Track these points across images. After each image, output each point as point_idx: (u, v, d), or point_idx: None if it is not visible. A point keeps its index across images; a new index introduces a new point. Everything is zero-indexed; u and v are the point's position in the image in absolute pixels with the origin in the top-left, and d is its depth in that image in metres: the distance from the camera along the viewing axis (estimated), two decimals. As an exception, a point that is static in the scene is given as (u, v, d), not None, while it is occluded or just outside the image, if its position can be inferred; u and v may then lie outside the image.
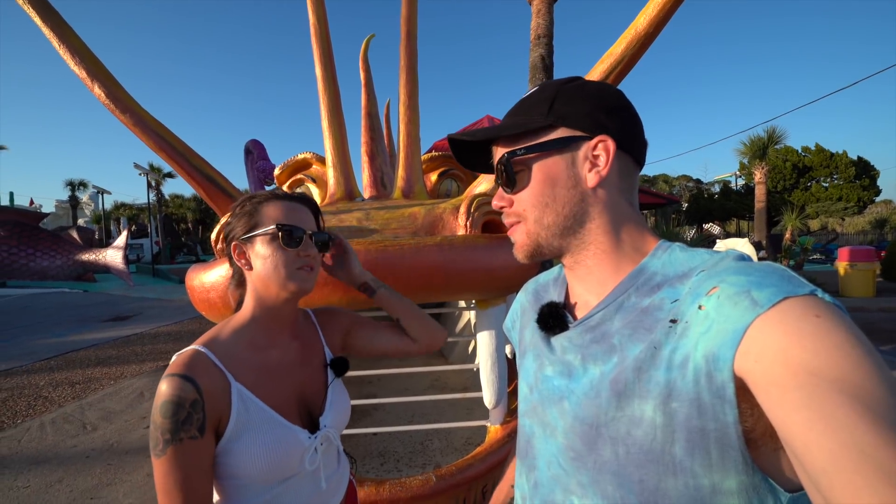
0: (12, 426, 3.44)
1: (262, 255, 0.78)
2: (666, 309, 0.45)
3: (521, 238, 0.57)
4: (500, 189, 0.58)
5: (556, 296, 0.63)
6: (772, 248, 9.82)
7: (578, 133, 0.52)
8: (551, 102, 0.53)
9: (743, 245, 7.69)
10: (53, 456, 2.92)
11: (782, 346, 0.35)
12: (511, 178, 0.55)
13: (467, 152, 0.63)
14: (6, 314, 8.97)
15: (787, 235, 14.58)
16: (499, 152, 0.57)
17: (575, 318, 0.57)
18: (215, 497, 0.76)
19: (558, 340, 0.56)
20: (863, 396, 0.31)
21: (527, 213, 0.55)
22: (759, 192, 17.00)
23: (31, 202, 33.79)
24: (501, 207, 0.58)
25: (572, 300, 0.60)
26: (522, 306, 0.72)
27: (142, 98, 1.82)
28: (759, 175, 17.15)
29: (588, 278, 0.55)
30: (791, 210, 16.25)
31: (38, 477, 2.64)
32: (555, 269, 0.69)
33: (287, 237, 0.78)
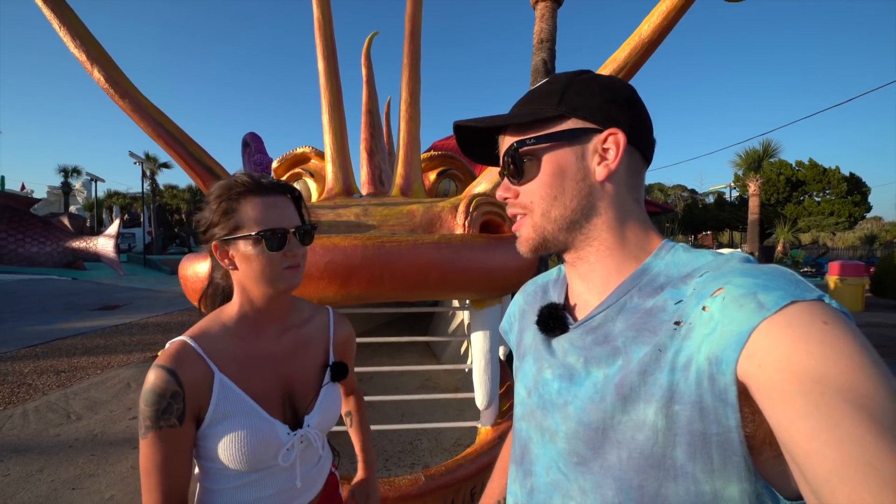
0: (-6, 413, 3.39)
1: (246, 257, 0.75)
2: (670, 310, 0.45)
3: (526, 232, 0.55)
4: (506, 180, 0.57)
5: (555, 297, 0.62)
6: (764, 260, 9.91)
7: (589, 125, 0.51)
8: (562, 93, 0.52)
9: (735, 256, 7.77)
10: (35, 445, 2.87)
11: (788, 352, 0.34)
12: (519, 169, 0.54)
13: (472, 142, 0.61)
14: (-8, 299, 8.82)
15: (780, 248, 14.72)
16: (506, 142, 0.55)
17: (575, 319, 0.56)
18: (196, 471, 0.81)
19: (559, 342, 0.55)
20: (869, 407, 0.30)
21: (534, 206, 0.54)
22: (753, 205, 17.17)
23: (23, 187, 33.30)
24: (506, 199, 0.57)
25: (572, 301, 0.58)
26: (521, 308, 0.70)
27: (141, 87, 1.80)
28: (753, 187, 17.33)
29: (590, 275, 0.54)
30: (784, 223, 16.43)
31: (19, 466, 2.60)
32: (554, 271, 0.68)
33: (270, 242, 0.74)
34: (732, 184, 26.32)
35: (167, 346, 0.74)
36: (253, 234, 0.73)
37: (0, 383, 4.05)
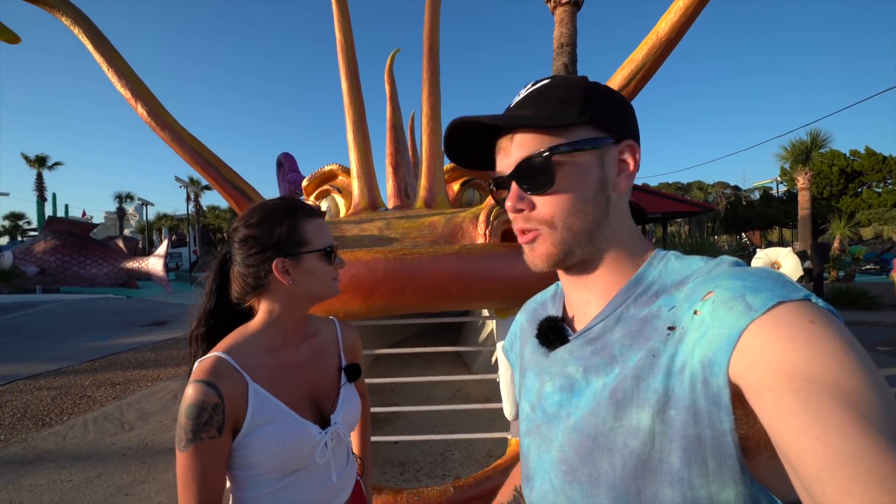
0: (59, 423, 3.67)
1: (308, 271, 0.84)
2: (663, 316, 0.45)
3: (544, 247, 0.51)
4: (517, 189, 0.51)
5: (553, 311, 0.62)
6: (818, 257, 9.16)
7: (606, 135, 0.51)
8: (584, 100, 0.50)
9: (786, 255, 7.25)
10: (94, 453, 3.09)
11: (777, 352, 0.34)
12: (547, 178, 0.49)
13: (463, 143, 0.57)
14: (59, 318, 9.59)
15: (836, 244, 13.69)
16: (522, 146, 0.51)
17: (574, 331, 0.56)
18: (227, 485, 0.83)
19: (558, 354, 0.55)
20: (856, 402, 0.31)
21: (556, 220, 0.50)
22: (803, 199, 16.09)
23: (84, 213, 36.20)
24: (520, 211, 0.52)
25: (570, 314, 0.58)
26: (521, 326, 0.70)
27: (175, 107, 1.94)
28: (802, 181, 16.24)
29: (592, 286, 0.54)
30: (839, 217, 15.25)
31: (80, 472, 2.80)
32: (552, 287, 0.68)
33: (332, 256, 0.87)
34: (779, 178, 24.87)
35: (199, 363, 0.79)
36: (320, 249, 0.85)
37: (64, 395, 4.39)
